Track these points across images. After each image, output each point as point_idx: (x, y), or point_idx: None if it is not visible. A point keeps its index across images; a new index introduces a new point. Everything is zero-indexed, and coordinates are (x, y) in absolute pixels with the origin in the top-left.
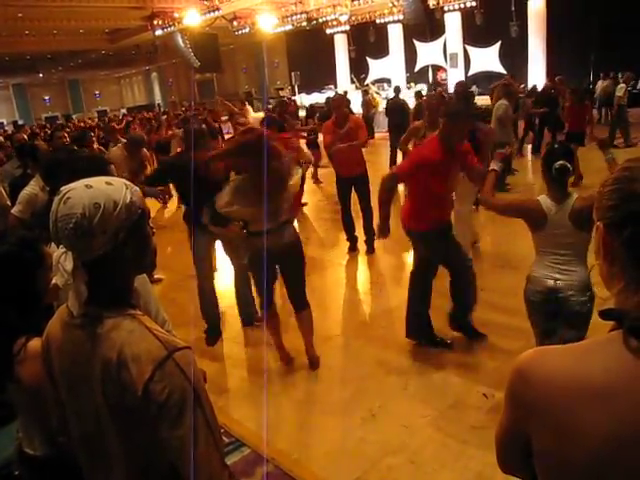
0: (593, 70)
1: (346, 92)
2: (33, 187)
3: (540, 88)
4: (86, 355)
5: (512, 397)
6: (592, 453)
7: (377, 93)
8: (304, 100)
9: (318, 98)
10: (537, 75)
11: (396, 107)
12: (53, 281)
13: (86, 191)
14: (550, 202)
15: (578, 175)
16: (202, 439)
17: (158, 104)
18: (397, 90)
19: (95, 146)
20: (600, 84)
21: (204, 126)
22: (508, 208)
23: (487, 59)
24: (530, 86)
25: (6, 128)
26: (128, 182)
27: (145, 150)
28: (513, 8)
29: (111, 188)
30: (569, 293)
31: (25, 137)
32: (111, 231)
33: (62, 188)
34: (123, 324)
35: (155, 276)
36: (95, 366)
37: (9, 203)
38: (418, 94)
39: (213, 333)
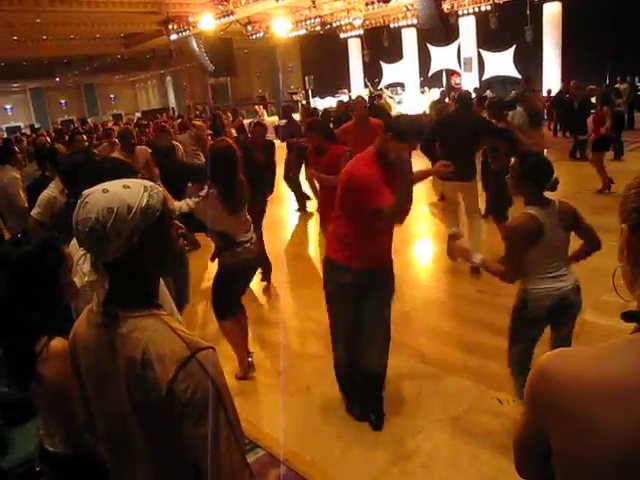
0: (609, 74)
1: (360, 96)
2: (52, 190)
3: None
4: (111, 354)
5: (533, 397)
6: (612, 454)
7: (390, 97)
8: (318, 104)
9: (332, 102)
10: (552, 80)
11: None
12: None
13: (102, 195)
14: (541, 211)
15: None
16: (224, 437)
17: (172, 108)
18: (372, 99)
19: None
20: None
21: None
22: (516, 257)
23: (502, 63)
24: (545, 91)
25: (24, 131)
26: (150, 184)
27: (145, 149)
28: (528, 12)
29: (127, 192)
30: (575, 297)
31: (48, 139)
32: (125, 235)
33: (84, 192)
34: (147, 324)
35: None
36: (120, 365)
37: (27, 205)
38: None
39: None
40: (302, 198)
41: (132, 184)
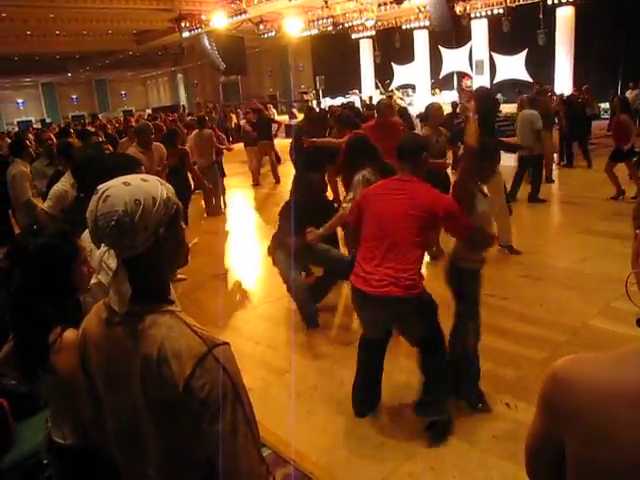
0: (622, 79)
1: (371, 97)
2: (64, 183)
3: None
4: (126, 351)
5: (546, 403)
6: (627, 459)
7: (401, 99)
8: (328, 104)
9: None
10: (564, 84)
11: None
12: (93, 280)
13: (125, 188)
14: None
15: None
16: (241, 434)
17: (183, 105)
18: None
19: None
20: (629, 94)
21: None
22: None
23: (513, 67)
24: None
25: (34, 125)
26: (160, 179)
27: (161, 146)
28: (541, 16)
29: (147, 185)
30: None
31: (52, 135)
32: (152, 226)
33: (99, 187)
34: (163, 320)
35: (178, 275)
36: (135, 362)
37: (33, 199)
38: (454, 104)
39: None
40: None
41: (148, 178)
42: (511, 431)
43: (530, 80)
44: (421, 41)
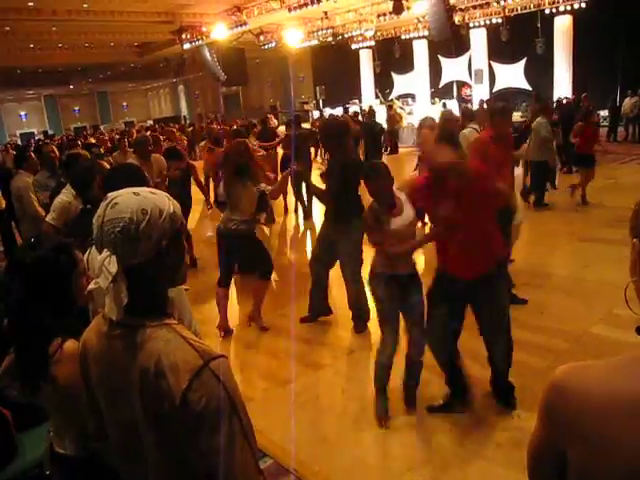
0: (620, 87)
1: (371, 106)
2: (66, 195)
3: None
4: (124, 364)
5: (548, 412)
6: (630, 469)
7: (401, 108)
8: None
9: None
10: (563, 92)
11: (371, 132)
12: (92, 285)
13: (134, 198)
14: None
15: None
16: (238, 446)
17: (184, 116)
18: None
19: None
20: (628, 101)
21: None
22: None
23: (512, 75)
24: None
25: (37, 137)
26: (167, 194)
27: (161, 158)
28: (539, 24)
29: (155, 197)
30: None
31: (54, 148)
32: (155, 237)
33: (109, 194)
34: (160, 333)
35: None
36: (133, 375)
37: (40, 210)
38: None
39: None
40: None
41: (157, 192)
42: (515, 440)
43: (529, 88)
44: (420, 51)
